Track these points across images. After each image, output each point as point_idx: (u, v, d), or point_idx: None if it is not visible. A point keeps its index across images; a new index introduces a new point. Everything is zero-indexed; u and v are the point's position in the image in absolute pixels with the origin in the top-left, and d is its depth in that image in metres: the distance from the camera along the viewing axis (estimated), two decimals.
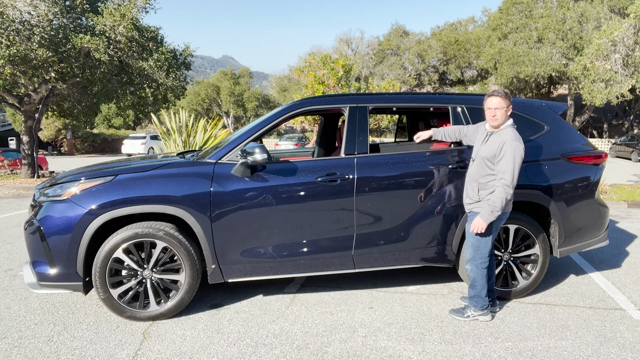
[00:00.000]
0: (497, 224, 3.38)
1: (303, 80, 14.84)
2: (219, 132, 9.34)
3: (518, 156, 3.20)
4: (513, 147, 3.19)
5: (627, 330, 3.45)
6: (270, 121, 3.92)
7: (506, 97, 3.31)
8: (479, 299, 3.47)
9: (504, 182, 3.20)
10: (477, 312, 3.50)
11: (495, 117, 3.32)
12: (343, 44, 46.76)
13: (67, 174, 3.90)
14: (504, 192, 3.21)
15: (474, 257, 3.42)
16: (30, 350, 3.13)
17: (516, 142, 3.21)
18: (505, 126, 3.34)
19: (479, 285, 3.45)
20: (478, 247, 3.39)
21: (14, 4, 11.59)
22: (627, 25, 13.83)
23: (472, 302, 3.51)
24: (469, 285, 3.54)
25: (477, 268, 3.43)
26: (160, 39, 15.08)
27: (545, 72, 25.70)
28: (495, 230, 3.39)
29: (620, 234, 6.60)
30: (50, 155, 31.98)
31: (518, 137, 3.26)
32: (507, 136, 3.25)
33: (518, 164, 3.21)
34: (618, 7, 24.59)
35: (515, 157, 3.19)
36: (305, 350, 3.13)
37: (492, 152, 3.29)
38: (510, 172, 3.19)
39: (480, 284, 3.45)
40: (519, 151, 3.20)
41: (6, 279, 4.63)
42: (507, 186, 3.20)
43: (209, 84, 49.99)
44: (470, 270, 3.48)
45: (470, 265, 3.47)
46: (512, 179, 3.20)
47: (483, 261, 3.41)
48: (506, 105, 3.31)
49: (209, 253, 3.60)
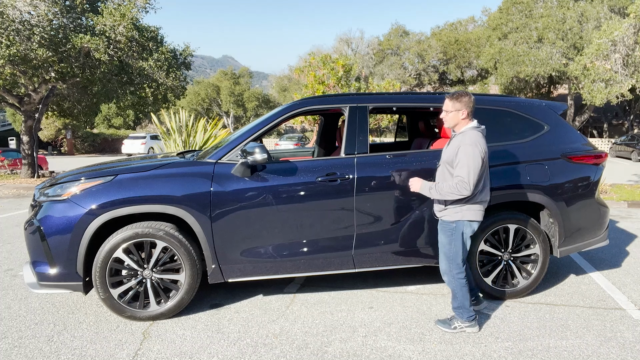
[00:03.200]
0: (467, 232, 3.21)
1: (303, 80, 14.84)
2: (219, 132, 9.35)
3: (472, 161, 3.01)
4: (467, 153, 3.02)
5: (627, 330, 3.45)
6: (270, 121, 3.92)
7: (457, 99, 3.15)
8: (464, 310, 3.31)
9: (460, 179, 3.03)
10: (465, 323, 3.33)
11: (445, 120, 3.24)
12: (343, 43, 46.74)
13: (67, 174, 3.90)
14: (455, 186, 3.03)
15: (450, 268, 3.28)
16: (31, 350, 3.13)
17: (471, 147, 3.02)
18: (466, 128, 3.16)
19: (460, 296, 3.30)
20: (450, 257, 3.25)
21: (14, 4, 11.58)
22: (627, 25, 13.83)
23: (457, 314, 3.37)
24: (452, 297, 3.39)
25: (454, 279, 3.28)
26: (160, 38, 15.07)
27: (545, 72, 25.69)
28: (466, 239, 3.23)
29: (620, 233, 6.60)
30: (50, 155, 31.98)
31: (475, 141, 3.05)
32: (464, 140, 3.08)
33: (474, 169, 3.01)
34: (618, 7, 24.59)
35: (470, 163, 3.01)
36: (305, 350, 3.13)
37: (451, 156, 3.15)
38: (466, 176, 3.01)
39: (461, 294, 3.29)
40: (474, 156, 3.01)
41: (6, 279, 4.63)
42: (464, 182, 3.01)
43: (209, 84, 49.97)
44: (448, 282, 3.34)
45: (447, 277, 3.33)
46: (470, 183, 3.01)
47: (459, 271, 3.25)
48: (455, 109, 3.15)
49: (209, 253, 3.60)
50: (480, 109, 4.14)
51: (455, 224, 3.18)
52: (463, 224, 3.18)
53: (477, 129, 3.17)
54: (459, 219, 3.17)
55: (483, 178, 3.17)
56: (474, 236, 3.86)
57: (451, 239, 3.22)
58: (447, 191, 3.08)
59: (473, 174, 3.02)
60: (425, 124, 5.17)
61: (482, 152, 3.05)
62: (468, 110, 3.16)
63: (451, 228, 3.20)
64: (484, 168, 3.10)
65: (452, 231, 3.20)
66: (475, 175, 3.02)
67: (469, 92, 3.23)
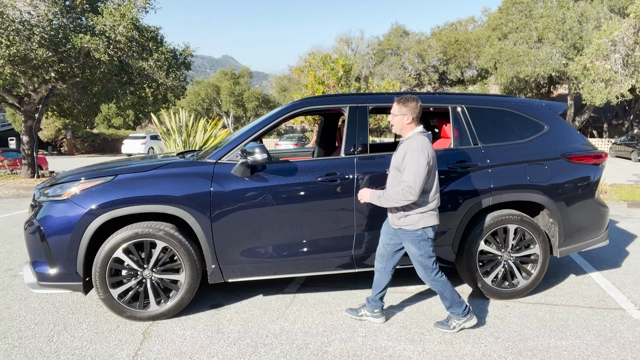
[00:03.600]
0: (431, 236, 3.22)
1: (303, 80, 14.84)
2: (219, 132, 9.35)
3: (418, 166, 3.01)
4: (413, 158, 3.03)
5: (627, 330, 3.45)
6: (270, 121, 3.92)
7: (404, 104, 3.15)
8: (456, 306, 3.33)
9: (406, 184, 3.04)
10: (461, 319, 3.35)
11: (392, 124, 3.25)
12: (343, 43, 46.75)
13: (67, 174, 3.90)
14: (402, 192, 3.04)
15: (427, 273, 3.28)
16: (30, 350, 3.13)
17: (417, 153, 3.02)
18: (412, 134, 3.16)
19: (448, 294, 3.31)
20: (425, 264, 3.26)
21: (14, 4, 11.59)
22: (627, 25, 13.83)
23: (452, 312, 3.38)
24: (440, 299, 3.40)
25: (435, 282, 3.29)
26: (160, 38, 15.07)
27: (545, 72, 25.69)
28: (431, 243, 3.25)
29: (620, 234, 6.60)
30: (50, 155, 31.97)
31: (422, 147, 3.05)
32: (411, 145, 3.08)
33: (420, 175, 3.02)
34: (618, 7, 24.59)
35: (415, 169, 3.01)
36: (305, 350, 3.13)
37: (399, 161, 3.15)
38: (412, 181, 3.02)
39: (448, 292, 3.31)
40: (419, 161, 3.01)
41: (6, 279, 4.63)
42: (410, 187, 3.02)
43: (209, 84, 49.98)
44: (433, 287, 3.35)
45: (429, 283, 3.34)
46: (415, 188, 3.02)
47: (436, 272, 3.27)
48: (401, 113, 3.15)
49: (209, 253, 3.60)
50: (480, 109, 4.15)
51: (421, 232, 3.19)
52: (428, 229, 3.20)
53: (423, 133, 3.18)
54: (423, 226, 3.18)
55: (435, 183, 3.19)
56: (474, 236, 3.88)
57: (420, 246, 3.22)
58: (394, 198, 3.09)
59: (419, 179, 3.03)
60: (425, 124, 5.18)
61: (428, 158, 3.05)
62: (413, 115, 3.17)
63: (417, 236, 3.20)
64: (430, 173, 3.11)
65: (419, 238, 3.20)
66: (420, 180, 3.03)
67: (417, 98, 3.23)
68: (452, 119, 4.07)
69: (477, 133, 4.04)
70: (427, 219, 3.18)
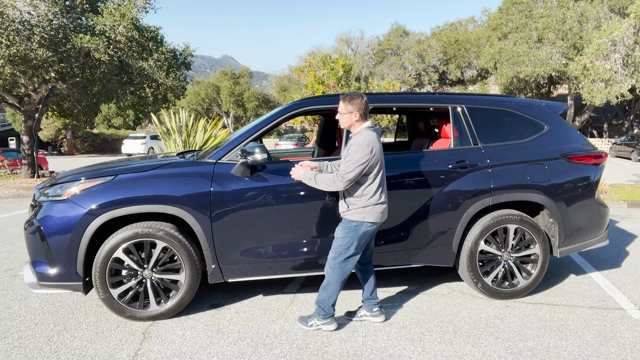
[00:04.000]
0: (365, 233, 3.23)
1: (303, 80, 14.85)
2: (219, 132, 9.35)
3: (357, 160, 3.07)
4: (355, 152, 3.09)
5: (627, 330, 3.45)
6: (270, 121, 3.92)
7: (350, 101, 3.19)
8: (325, 305, 3.33)
9: (340, 173, 3.11)
10: (322, 320, 3.36)
11: (340, 121, 3.29)
12: (343, 43, 46.75)
13: (67, 174, 3.90)
14: (333, 179, 3.12)
15: (334, 257, 3.29)
16: (30, 350, 3.13)
17: (360, 147, 3.08)
18: (361, 129, 3.21)
19: (331, 289, 3.32)
20: (339, 250, 3.26)
21: (14, 4, 11.59)
22: (627, 25, 13.83)
23: (317, 310, 3.38)
24: (321, 287, 3.38)
25: (333, 271, 3.29)
26: (160, 38, 15.07)
27: (545, 72, 25.69)
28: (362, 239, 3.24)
29: (620, 233, 6.60)
30: (50, 155, 31.97)
31: (367, 142, 3.10)
32: (357, 140, 3.14)
33: (356, 168, 3.08)
34: (618, 7, 24.59)
35: (354, 161, 3.07)
36: (305, 350, 3.13)
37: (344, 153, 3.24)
38: (346, 172, 3.09)
39: (332, 288, 3.31)
40: (361, 156, 3.07)
41: (6, 279, 4.63)
42: (341, 176, 3.09)
43: (209, 84, 49.97)
44: (327, 273, 3.35)
45: (328, 267, 3.33)
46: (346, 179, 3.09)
47: (342, 263, 3.27)
48: (348, 111, 3.20)
49: (209, 253, 3.60)
50: (480, 109, 4.15)
51: (356, 224, 3.22)
52: (363, 224, 3.22)
53: (371, 128, 3.22)
54: (360, 220, 3.21)
55: (379, 179, 3.20)
56: (474, 236, 3.88)
57: (346, 235, 3.25)
58: (323, 181, 3.19)
59: (354, 172, 3.09)
60: (425, 124, 5.18)
61: (369, 155, 3.09)
62: (360, 112, 3.21)
63: (350, 226, 3.24)
64: (371, 167, 3.14)
65: (350, 229, 3.24)
66: (354, 173, 3.09)
67: (362, 94, 3.27)
68: (452, 119, 4.07)
69: (477, 133, 4.04)
70: (367, 214, 3.20)
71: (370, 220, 3.21)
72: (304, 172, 3.30)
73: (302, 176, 3.30)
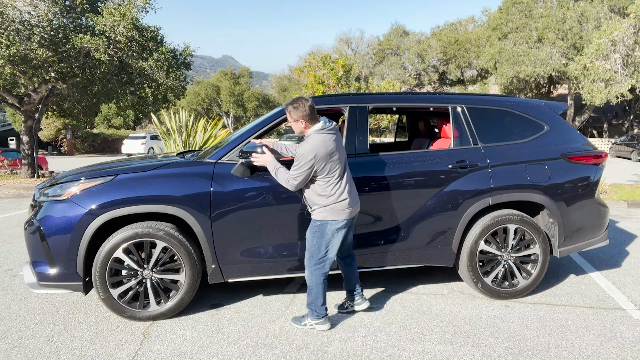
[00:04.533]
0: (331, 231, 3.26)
1: (303, 80, 14.84)
2: (219, 132, 9.34)
3: (301, 165, 3.14)
4: (301, 158, 3.14)
5: (627, 330, 3.45)
6: (270, 121, 3.92)
7: (294, 109, 3.23)
8: (315, 307, 3.36)
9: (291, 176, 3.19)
10: (314, 320, 3.39)
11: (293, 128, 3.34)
12: (343, 43, 46.74)
13: (67, 174, 3.90)
14: (287, 178, 3.21)
15: (310, 261, 3.32)
16: (30, 350, 3.13)
17: (306, 154, 3.12)
18: (310, 132, 3.25)
19: (314, 292, 3.34)
20: (312, 252, 3.30)
21: (14, 4, 11.59)
22: (627, 25, 13.83)
23: (309, 310, 3.40)
24: (307, 292, 3.41)
25: (311, 274, 3.32)
26: (160, 38, 15.08)
27: (545, 72, 25.70)
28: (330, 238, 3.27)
29: (620, 233, 6.60)
30: (50, 155, 31.98)
31: (312, 148, 3.12)
32: (302, 146, 3.20)
33: (302, 175, 3.14)
34: (618, 7, 24.60)
35: (299, 168, 3.14)
36: (305, 350, 3.13)
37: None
38: (294, 175, 3.16)
39: (315, 290, 3.33)
40: (305, 162, 3.12)
41: (6, 279, 4.63)
42: (292, 179, 3.18)
43: (209, 84, 49.98)
44: (307, 277, 3.37)
45: (307, 271, 3.36)
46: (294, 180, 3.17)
47: (318, 265, 3.30)
48: (294, 119, 3.25)
49: (209, 253, 3.60)
50: (480, 109, 4.15)
51: (320, 223, 3.26)
52: (327, 223, 3.25)
53: (321, 131, 3.23)
54: (322, 219, 3.25)
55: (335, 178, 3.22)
56: (474, 236, 3.88)
57: (314, 236, 3.30)
58: (281, 178, 3.28)
59: (299, 178, 3.17)
60: (425, 124, 5.18)
61: (313, 161, 3.12)
62: (306, 118, 3.24)
63: (316, 226, 3.29)
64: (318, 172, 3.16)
65: (317, 229, 3.29)
66: (300, 178, 3.17)
67: (306, 98, 3.30)
68: (452, 119, 4.07)
69: (477, 133, 4.04)
70: (328, 214, 3.24)
71: (334, 218, 3.24)
72: (270, 161, 3.35)
73: (267, 163, 3.35)
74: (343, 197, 3.24)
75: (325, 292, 3.39)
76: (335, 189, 3.22)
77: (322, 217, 3.25)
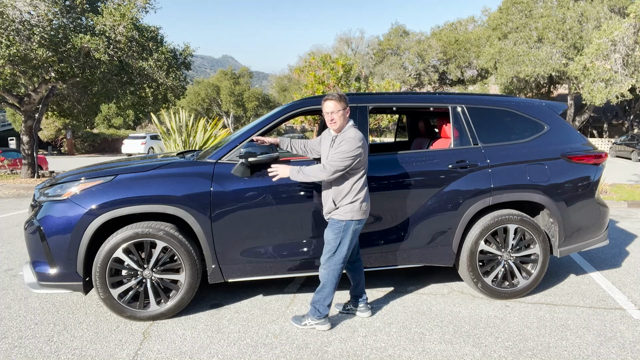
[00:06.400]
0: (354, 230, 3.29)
1: (303, 80, 14.83)
2: (219, 132, 9.35)
3: (348, 153, 3.14)
4: (348, 143, 3.15)
5: (627, 330, 3.45)
6: (270, 121, 3.92)
7: (340, 99, 3.28)
8: (320, 306, 3.37)
9: (329, 162, 3.17)
10: (316, 320, 3.39)
11: (333, 121, 3.28)
12: (343, 43, 46.76)
13: (67, 174, 3.89)
14: (320, 169, 3.19)
15: (329, 262, 3.32)
16: (30, 350, 3.13)
17: (354, 141, 3.16)
18: (347, 127, 3.29)
19: (326, 291, 3.35)
20: (333, 252, 3.30)
21: (14, 4, 11.58)
22: (627, 25, 13.83)
23: (311, 310, 3.41)
24: (317, 290, 3.41)
25: (328, 273, 3.32)
26: (160, 38, 15.06)
27: (545, 71, 25.70)
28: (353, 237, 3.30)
29: (620, 233, 6.60)
30: (50, 155, 31.98)
31: (358, 136, 3.19)
32: (347, 135, 3.22)
33: (346, 161, 3.14)
34: (618, 7, 24.59)
35: (344, 154, 3.14)
36: (305, 350, 3.13)
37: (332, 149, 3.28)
38: (335, 161, 3.14)
39: (328, 290, 3.35)
40: (353, 148, 3.14)
41: (6, 279, 4.63)
42: (327, 167, 3.15)
43: (209, 83, 49.98)
44: (322, 275, 3.36)
45: (323, 270, 3.35)
46: (334, 168, 3.15)
47: (335, 267, 3.31)
48: (342, 107, 3.26)
49: (209, 253, 3.60)
50: (480, 109, 4.15)
51: (345, 223, 3.27)
52: (352, 223, 3.27)
53: (355, 127, 3.32)
54: (349, 219, 3.26)
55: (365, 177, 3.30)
56: (474, 236, 3.88)
57: (338, 236, 3.29)
58: (310, 172, 3.24)
59: (343, 163, 3.15)
60: (425, 124, 5.18)
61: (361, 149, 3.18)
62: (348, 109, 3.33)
63: (340, 226, 3.28)
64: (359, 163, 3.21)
65: (341, 228, 3.28)
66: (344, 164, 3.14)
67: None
68: (452, 119, 4.07)
69: (477, 133, 4.04)
70: (355, 213, 3.26)
71: (358, 218, 3.27)
72: (290, 169, 3.32)
73: (288, 172, 3.32)
74: (367, 196, 3.31)
75: (334, 294, 3.41)
76: (361, 188, 3.27)
77: (349, 216, 3.25)
